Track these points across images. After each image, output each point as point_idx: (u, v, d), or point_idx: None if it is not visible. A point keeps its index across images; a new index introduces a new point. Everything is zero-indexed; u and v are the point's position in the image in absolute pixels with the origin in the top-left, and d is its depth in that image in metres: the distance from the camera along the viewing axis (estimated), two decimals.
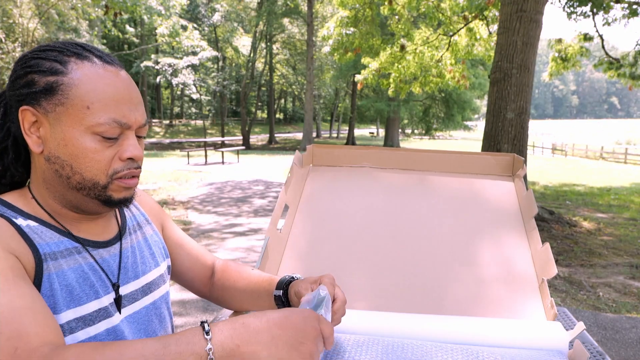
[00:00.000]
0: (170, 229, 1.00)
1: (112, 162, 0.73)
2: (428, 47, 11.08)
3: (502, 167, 1.49)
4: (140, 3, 10.87)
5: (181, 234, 1.01)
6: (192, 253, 1.00)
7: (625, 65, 9.84)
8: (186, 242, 1.01)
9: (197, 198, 8.63)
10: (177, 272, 0.99)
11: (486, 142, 6.07)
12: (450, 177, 1.48)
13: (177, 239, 0.99)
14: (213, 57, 26.51)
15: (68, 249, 0.73)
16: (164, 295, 0.90)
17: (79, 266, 0.72)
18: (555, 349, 0.90)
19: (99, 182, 0.73)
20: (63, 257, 0.71)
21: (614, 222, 7.20)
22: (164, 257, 0.93)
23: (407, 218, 1.35)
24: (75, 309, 0.70)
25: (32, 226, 0.71)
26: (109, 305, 0.75)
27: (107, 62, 0.72)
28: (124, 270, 0.80)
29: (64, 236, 0.73)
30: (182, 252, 0.99)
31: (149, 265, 0.87)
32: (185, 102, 43.02)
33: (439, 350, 0.86)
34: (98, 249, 0.78)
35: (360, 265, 1.23)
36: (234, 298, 0.97)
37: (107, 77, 0.71)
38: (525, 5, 5.72)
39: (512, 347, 0.90)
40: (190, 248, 1.00)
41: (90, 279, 0.73)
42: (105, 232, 0.81)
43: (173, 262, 0.97)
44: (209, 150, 16.67)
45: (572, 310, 3.78)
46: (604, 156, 23.63)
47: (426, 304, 1.12)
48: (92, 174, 0.72)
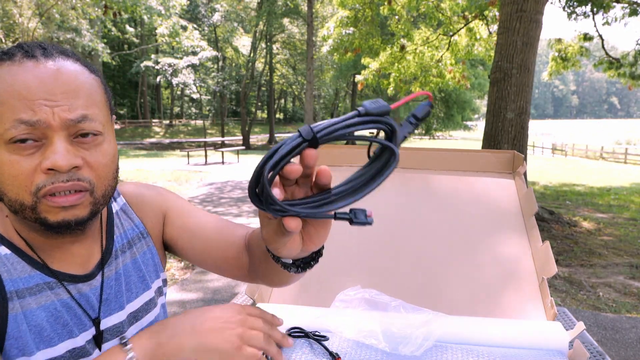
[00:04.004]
0: (176, 216, 0.85)
1: (33, 176, 0.59)
2: (428, 47, 11.07)
3: (502, 164, 1.48)
4: (140, 3, 10.86)
5: (189, 218, 0.84)
6: (207, 234, 0.82)
7: (625, 65, 9.82)
8: (197, 224, 0.83)
9: (197, 198, 8.63)
10: (196, 261, 0.84)
11: (486, 142, 6.07)
12: (451, 175, 1.48)
13: (185, 224, 0.84)
14: (213, 57, 26.49)
15: (39, 285, 0.64)
16: (156, 318, 0.82)
17: (50, 304, 0.65)
18: (555, 349, 0.89)
19: (25, 203, 0.60)
20: (32, 295, 0.63)
21: (614, 222, 7.19)
22: (157, 273, 0.84)
23: (407, 217, 1.34)
24: (46, 351, 0.63)
25: (3, 255, 0.64)
26: (85, 344, 0.68)
27: (30, 55, 0.60)
28: (107, 302, 0.72)
29: (36, 269, 0.65)
30: (194, 238, 0.83)
31: (136, 292, 0.78)
32: (185, 102, 43.02)
33: (438, 350, 0.85)
34: (76, 283, 0.69)
35: (359, 265, 1.23)
36: (265, 270, 0.75)
37: (18, 73, 0.58)
38: (525, 5, 5.71)
39: (512, 347, 0.90)
40: (204, 229, 0.83)
41: (64, 318, 0.66)
42: (86, 260, 0.72)
43: (185, 253, 0.84)
44: (209, 150, 16.66)
45: (572, 310, 3.77)
46: (604, 156, 23.63)
47: (425, 303, 1.12)
48: (14, 193, 0.60)
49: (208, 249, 0.82)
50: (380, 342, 0.86)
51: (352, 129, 0.42)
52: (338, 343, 0.88)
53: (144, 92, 38.37)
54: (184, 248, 0.84)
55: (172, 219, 0.84)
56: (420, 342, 0.85)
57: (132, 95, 40.39)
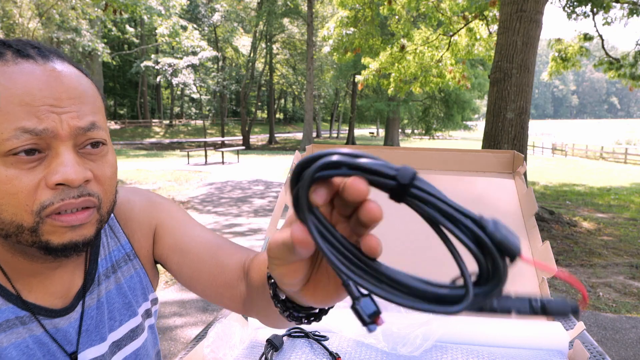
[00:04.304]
0: (167, 232, 0.74)
1: (36, 193, 0.52)
2: (428, 47, 11.07)
3: (502, 164, 1.48)
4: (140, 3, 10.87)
5: (182, 236, 0.73)
6: (199, 256, 0.70)
7: (625, 65, 9.82)
8: (189, 243, 0.72)
9: (197, 198, 8.62)
10: (186, 285, 0.73)
11: (486, 142, 6.07)
12: (451, 175, 1.48)
13: (176, 243, 0.73)
14: (213, 57, 26.50)
15: (10, 321, 0.57)
16: (143, 344, 0.74)
17: (22, 341, 0.57)
18: (555, 349, 0.89)
19: (23, 225, 0.52)
20: (2, 331, 0.56)
21: (614, 222, 7.19)
22: (146, 296, 0.75)
23: (406, 217, 1.34)
24: None
25: None
26: None
27: (25, 55, 0.53)
28: (86, 334, 0.64)
29: (9, 302, 0.58)
30: (185, 259, 0.71)
31: (120, 319, 0.70)
32: (185, 102, 43.00)
33: (438, 350, 0.85)
34: (53, 318, 0.61)
35: None
36: (261, 305, 0.60)
37: (15, 74, 0.51)
38: (525, 5, 5.71)
39: (512, 347, 0.90)
40: (196, 249, 0.71)
41: (36, 355, 0.59)
42: (67, 289, 0.64)
43: (176, 276, 0.73)
44: (209, 150, 16.66)
45: None
46: (604, 156, 23.62)
47: None
48: (9, 213, 0.52)
49: (197, 274, 0.70)
50: (379, 341, 0.86)
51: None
52: (338, 343, 0.88)
53: (144, 92, 38.38)
54: (173, 270, 0.73)
55: (163, 236, 0.74)
56: (419, 342, 0.85)
57: (132, 95, 40.42)
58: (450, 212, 0.29)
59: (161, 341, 3.10)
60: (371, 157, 0.31)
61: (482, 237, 0.28)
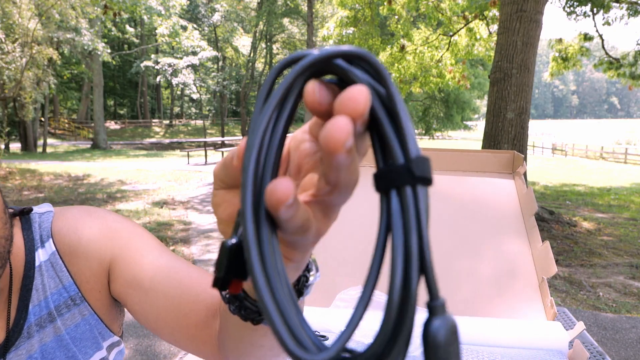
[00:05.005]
0: (126, 266, 0.61)
1: None
2: (428, 47, 11.07)
3: (502, 164, 1.48)
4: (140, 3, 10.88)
5: (142, 272, 0.60)
6: (164, 291, 0.57)
7: (625, 65, 9.83)
8: (152, 278, 0.59)
9: (197, 198, 8.62)
10: (151, 328, 0.60)
11: (486, 142, 6.07)
12: (450, 175, 1.48)
13: (135, 279, 0.60)
14: (213, 57, 26.52)
15: None
16: None
17: None
18: (555, 349, 0.89)
19: None
20: None
21: (614, 222, 7.19)
22: (99, 344, 0.63)
23: None
24: None
25: None
26: None
27: None
28: None
29: None
30: (146, 298, 0.58)
31: None
32: (185, 102, 43.01)
33: None
34: None
35: (359, 265, 1.23)
36: (235, 338, 0.46)
37: None
38: (525, 5, 5.71)
39: (512, 347, 0.90)
40: (164, 284, 0.57)
41: None
42: None
43: (138, 318, 0.61)
44: (209, 150, 16.66)
45: (572, 310, 3.77)
46: (604, 156, 23.62)
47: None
48: None
49: (164, 313, 0.57)
50: None
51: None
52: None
53: (144, 92, 38.38)
54: (134, 310, 0.60)
55: (120, 272, 0.61)
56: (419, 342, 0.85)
57: (132, 95, 40.41)
58: (416, 240, 0.21)
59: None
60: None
61: (411, 286, 0.21)
